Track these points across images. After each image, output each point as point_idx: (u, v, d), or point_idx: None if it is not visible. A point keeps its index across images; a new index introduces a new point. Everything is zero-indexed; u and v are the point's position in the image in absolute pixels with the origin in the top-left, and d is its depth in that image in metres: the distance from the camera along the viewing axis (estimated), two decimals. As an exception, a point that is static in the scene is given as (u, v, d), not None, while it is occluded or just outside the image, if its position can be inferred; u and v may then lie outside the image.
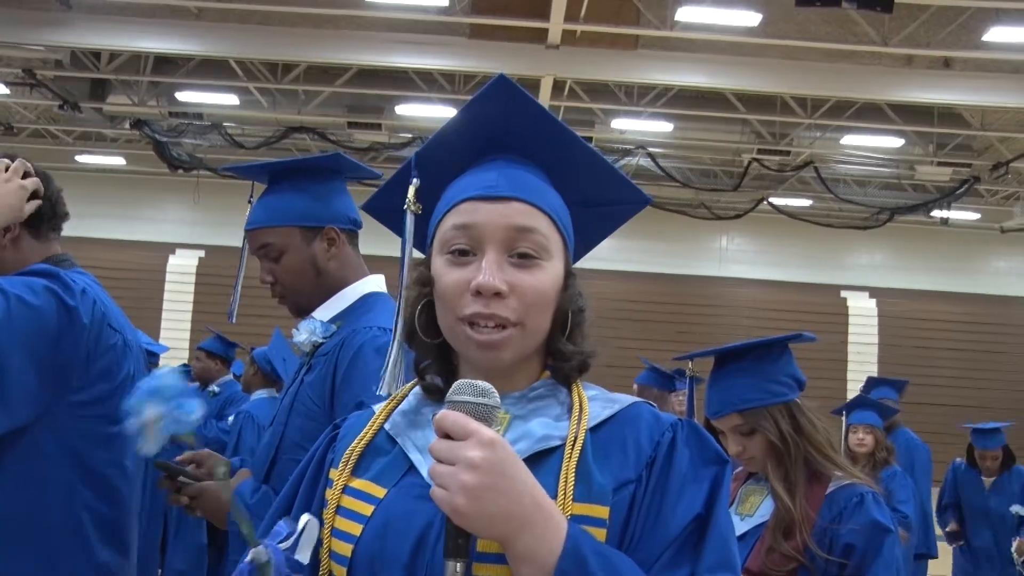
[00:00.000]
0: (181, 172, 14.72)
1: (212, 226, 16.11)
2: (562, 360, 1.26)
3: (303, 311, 2.39)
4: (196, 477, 2.29)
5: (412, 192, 1.29)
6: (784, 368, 2.44)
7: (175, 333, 15.68)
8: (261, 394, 6.01)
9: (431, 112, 12.95)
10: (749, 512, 2.42)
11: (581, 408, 1.23)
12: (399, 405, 1.32)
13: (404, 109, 13.27)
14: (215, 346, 7.35)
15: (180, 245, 16.85)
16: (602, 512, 1.15)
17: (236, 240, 2.58)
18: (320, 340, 2.29)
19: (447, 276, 1.22)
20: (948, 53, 10.66)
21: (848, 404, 5.95)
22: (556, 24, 9.93)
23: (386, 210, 1.37)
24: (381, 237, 1.61)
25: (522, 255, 1.22)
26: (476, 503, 1.04)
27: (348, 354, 2.19)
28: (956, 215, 16.12)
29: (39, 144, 15.29)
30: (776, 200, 15.58)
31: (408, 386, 1.33)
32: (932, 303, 17.03)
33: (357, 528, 1.19)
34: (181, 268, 16.84)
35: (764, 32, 10.22)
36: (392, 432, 1.28)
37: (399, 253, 1.27)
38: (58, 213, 2.29)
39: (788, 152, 14.04)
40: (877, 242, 16.56)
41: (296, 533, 1.17)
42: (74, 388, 2.05)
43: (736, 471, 2.50)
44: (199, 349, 7.46)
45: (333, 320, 2.33)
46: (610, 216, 1.40)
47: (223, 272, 15.24)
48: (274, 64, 12.37)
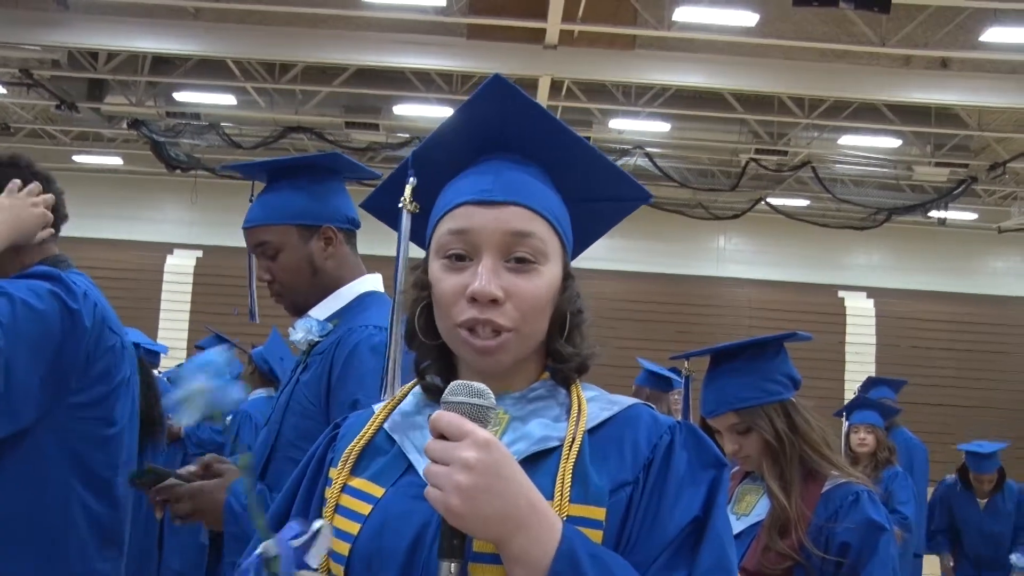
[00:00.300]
0: (179, 172, 14.69)
1: (210, 226, 16.07)
2: (561, 361, 1.26)
3: (300, 309, 2.39)
4: (187, 480, 2.23)
5: (408, 191, 1.29)
6: (779, 367, 2.45)
7: (173, 333, 15.64)
8: (259, 393, 6.01)
9: (429, 112, 12.92)
10: (745, 511, 2.43)
11: (580, 409, 1.23)
12: (399, 405, 1.32)
13: (402, 109, 13.24)
14: (213, 345, 7.35)
15: (178, 245, 16.81)
16: (599, 514, 1.14)
17: (234, 240, 2.58)
18: (316, 339, 2.29)
19: (444, 281, 1.21)
20: (945, 53, 10.65)
21: (849, 404, 5.95)
22: (554, 24, 9.91)
23: (384, 209, 1.37)
24: (380, 237, 1.61)
25: (519, 260, 1.21)
26: (470, 504, 1.04)
27: (344, 353, 2.19)
28: (953, 215, 16.09)
29: (36, 144, 15.24)
30: (774, 200, 15.56)
31: (408, 386, 1.33)
32: (930, 303, 17.01)
33: (355, 527, 1.19)
34: (179, 268, 16.80)
35: (761, 32, 10.22)
36: (391, 432, 1.28)
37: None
38: (59, 215, 2.30)
39: (786, 152, 14.02)
40: (875, 242, 16.54)
41: (308, 534, 1.15)
42: (74, 390, 2.06)
43: (732, 470, 2.50)
44: (197, 348, 7.46)
45: (329, 319, 2.33)
46: (610, 212, 1.39)
47: (221, 272, 15.26)
48: (272, 64, 12.34)
